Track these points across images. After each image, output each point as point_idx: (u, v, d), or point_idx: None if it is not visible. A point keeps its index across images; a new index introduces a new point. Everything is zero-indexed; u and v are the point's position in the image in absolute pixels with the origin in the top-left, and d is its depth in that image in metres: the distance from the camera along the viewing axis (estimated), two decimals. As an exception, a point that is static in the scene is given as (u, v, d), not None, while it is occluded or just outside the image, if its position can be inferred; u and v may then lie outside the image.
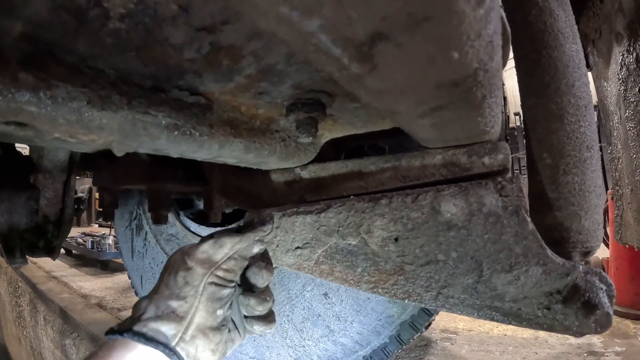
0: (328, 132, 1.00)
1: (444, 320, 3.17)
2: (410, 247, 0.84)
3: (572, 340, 2.69)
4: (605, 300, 0.73)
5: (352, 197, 0.92)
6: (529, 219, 0.77)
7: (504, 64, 0.74)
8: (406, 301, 0.86)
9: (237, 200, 1.21)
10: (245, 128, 0.86)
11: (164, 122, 0.71)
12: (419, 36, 0.36)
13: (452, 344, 2.73)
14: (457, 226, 0.81)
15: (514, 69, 0.88)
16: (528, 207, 0.79)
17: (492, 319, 0.82)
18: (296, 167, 1.04)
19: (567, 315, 0.75)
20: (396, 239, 0.85)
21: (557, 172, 0.81)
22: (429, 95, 0.52)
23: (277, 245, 0.99)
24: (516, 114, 11.73)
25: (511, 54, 0.87)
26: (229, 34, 0.60)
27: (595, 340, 2.71)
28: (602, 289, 0.74)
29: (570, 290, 0.75)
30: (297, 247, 0.96)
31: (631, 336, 2.80)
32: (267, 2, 0.33)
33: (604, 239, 3.95)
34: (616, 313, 3.24)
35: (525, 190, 0.81)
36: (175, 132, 0.74)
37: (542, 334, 2.79)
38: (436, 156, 0.86)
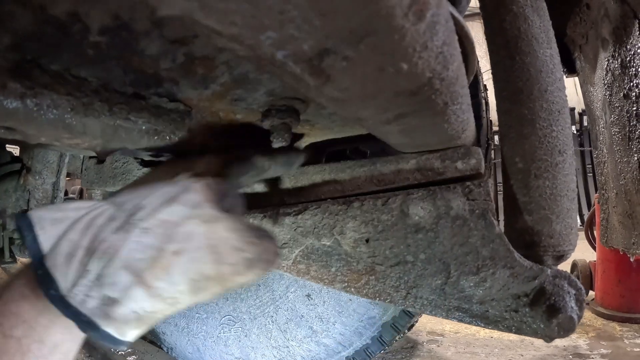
0: (307, 137, 1.02)
1: (430, 322, 3.18)
2: (381, 249, 0.86)
3: (558, 342, 2.70)
4: (571, 304, 0.75)
5: (328, 199, 0.93)
6: (495, 223, 0.79)
7: (471, 72, 0.75)
8: (377, 301, 0.87)
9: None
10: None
11: (144, 127, 0.73)
12: (364, 50, 0.38)
13: (438, 346, 2.74)
14: (425, 229, 0.82)
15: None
16: (496, 211, 0.81)
17: (461, 321, 0.83)
18: (276, 171, 1.05)
19: (534, 318, 0.77)
20: (367, 240, 0.87)
21: (529, 176, 0.82)
22: (390, 103, 0.54)
23: None
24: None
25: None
26: (200, 46, 0.63)
27: (581, 342, 2.73)
28: (569, 292, 0.76)
29: (537, 293, 0.77)
30: (277, 247, 0.98)
31: (617, 338, 2.82)
32: (218, 25, 0.34)
33: (590, 242, 4.00)
34: (603, 315, 3.26)
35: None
36: (155, 137, 0.75)
37: (528, 336, 2.80)
38: (410, 161, 0.87)
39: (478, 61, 1.07)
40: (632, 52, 1.45)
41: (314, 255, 0.93)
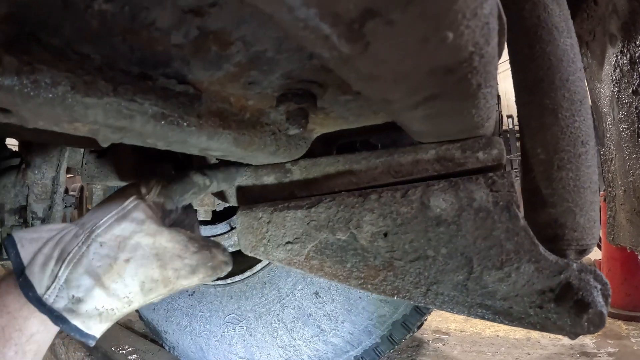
0: (319, 127, 0.99)
1: (435, 321, 3.16)
2: (399, 243, 0.82)
3: (565, 341, 2.68)
4: (599, 299, 0.72)
5: (342, 192, 0.90)
6: (520, 215, 0.75)
7: (500, 54, 0.72)
8: (395, 298, 0.84)
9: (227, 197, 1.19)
10: (235, 120, 0.85)
11: (150, 110, 0.69)
12: (412, 13, 0.34)
13: (444, 344, 2.72)
14: (447, 222, 0.79)
15: (508, 72, 0.87)
16: (520, 204, 0.77)
17: (483, 318, 0.80)
18: (287, 162, 1.02)
19: (559, 314, 0.73)
20: (385, 234, 0.84)
21: (551, 167, 0.79)
22: (423, 82, 0.50)
23: (269, 240, 0.97)
24: (509, 116, 11.79)
25: (505, 56, 0.86)
26: (216, 18, 0.59)
27: (587, 341, 2.71)
28: (596, 287, 0.73)
29: (563, 289, 0.73)
30: (288, 242, 0.95)
31: (624, 337, 2.80)
32: None
33: (595, 240, 3.99)
34: (608, 314, 3.23)
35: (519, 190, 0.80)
36: (162, 122, 0.72)
37: (534, 334, 2.79)
38: (429, 151, 0.84)
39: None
40: (641, 48, 1.44)
41: (328, 250, 0.90)
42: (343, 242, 0.88)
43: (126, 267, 0.76)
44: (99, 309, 0.75)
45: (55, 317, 0.73)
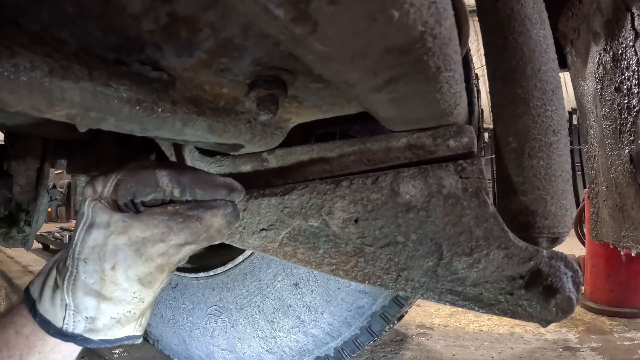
0: (295, 117, 0.99)
1: (419, 316, 3.17)
2: (370, 229, 0.83)
3: (548, 335, 2.70)
4: (569, 285, 0.73)
5: (316, 180, 0.91)
6: (489, 201, 0.76)
7: (464, 44, 0.73)
8: (366, 284, 0.85)
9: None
10: (209, 107, 0.85)
11: (125, 95, 0.70)
12: None
13: (427, 339, 2.73)
14: (416, 208, 0.80)
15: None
16: (490, 191, 0.78)
17: (454, 304, 0.81)
18: (263, 151, 1.03)
19: (529, 300, 0.74)
20: (356, 221, 0.85)
21: (522, 155, 0.80)
22: (381, 62, 0.51)
23: (244, 227, 0.98)
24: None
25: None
26: (184, 4, 0.60)
27: (571, 336, 2.72)
28: (567, 274, 0.74)
29: (532, 275, 0.74)
30: (262, 229, 0.95)
31: (607, 332, 2.82)
32: None
33: (580, 238, 4.01)
34: (592, 310, 3.26)
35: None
36: (137, 107, 0.72)
37: (518, 329, 2.80)
38: (401, 139, 0.85)
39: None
40: (624, 45, 1.45)
41: (301, 237, 0.90)
42: (315, 229, 0.88)
43: (116, 274, 0.75)
44: (115, 317, 0.77)
45: (80, 340, 0.77)
